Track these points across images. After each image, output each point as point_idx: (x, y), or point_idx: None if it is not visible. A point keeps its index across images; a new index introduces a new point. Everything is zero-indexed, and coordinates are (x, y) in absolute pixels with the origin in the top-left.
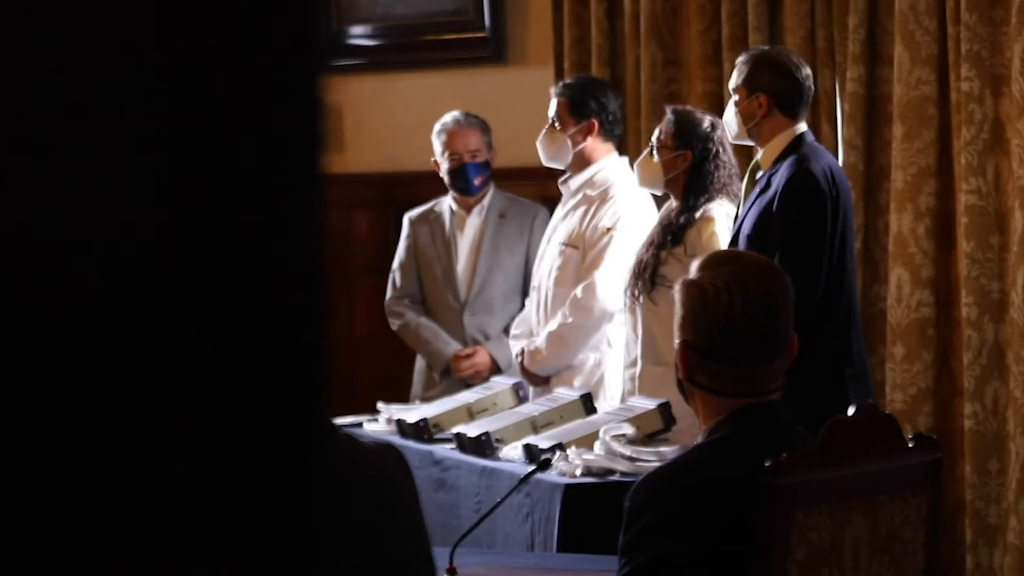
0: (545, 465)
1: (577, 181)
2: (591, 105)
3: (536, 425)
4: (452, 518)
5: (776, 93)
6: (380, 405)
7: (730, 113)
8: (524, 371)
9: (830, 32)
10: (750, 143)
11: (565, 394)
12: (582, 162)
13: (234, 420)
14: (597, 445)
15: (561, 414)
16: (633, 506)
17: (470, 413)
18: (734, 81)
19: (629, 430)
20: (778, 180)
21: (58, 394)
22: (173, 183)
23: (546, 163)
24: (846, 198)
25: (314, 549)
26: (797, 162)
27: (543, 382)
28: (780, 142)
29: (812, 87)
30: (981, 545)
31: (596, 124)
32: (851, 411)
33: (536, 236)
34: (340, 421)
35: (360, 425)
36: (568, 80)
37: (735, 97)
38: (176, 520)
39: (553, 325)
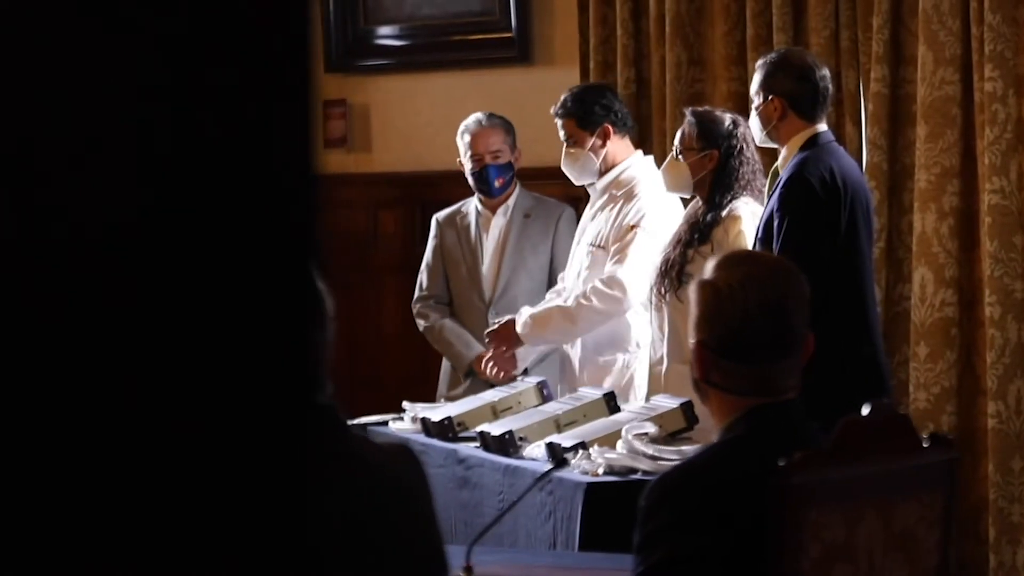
0: (563, 464)
1: (603, 182)
2: (596, 111)
3: (559, 424)
4: (476, 516)
5: (790, 96)
6: (405, 404)
7: (753, 117)
8: (508, 331)
9: (854, 32)
10: (774, 145)
11: (589, 393)
12: (607, 165)
13: (227, 417)
14: (620, 444)
15: (584, 413)
16: (647, 505)
17: (494, 412)
18: (753, 86)
19: (652, 429)
20: (779, 183)
21: (47, 393)
22: (164, 180)
23: (577, 183)
24: (857, 198)
25: (308, 544)
26: (796, 165)
27: (511, 366)
28: (796, 144)
29: (829, 87)
30: (1004, 544)
31: (609, 127)
32: (865, 410)
33: (561, 235)
34: (366, 420)
35: (385, 423)
36: (563, 98)
37: (755, 101)
38: (169, 519)
39: (568, 302)
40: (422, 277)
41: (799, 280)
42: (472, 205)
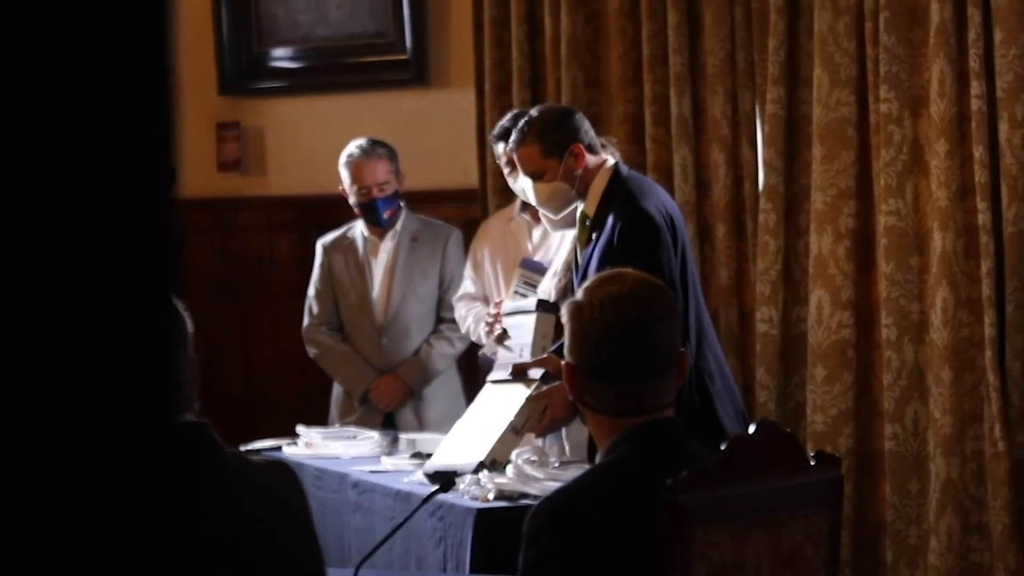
0: (448, 486)
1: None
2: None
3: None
4: (368, 540)
5: (579, 139)
6: (300, 428)
7: (545, 195)
8: None
9: (750, 53)
10: (579, 204)
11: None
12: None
13: (83, 437)
14: (510, 469)
15: None
16: (532, 529)
17: None
18: (529, 167)
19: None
20: (612, 222)
21: None
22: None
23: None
24: (679, 224)
25: (161, 557)
26: (628, 202)
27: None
28: (599, 183)
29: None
30: (902, 566)
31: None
32: (752, 429)
33: (450, 258)
34: (260, 444)
35: (279, 448)
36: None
37: (545, 177)
38: (20, 537)
39: None
40: (311, 303)
41: (665, 297)
42: (358, 230)
